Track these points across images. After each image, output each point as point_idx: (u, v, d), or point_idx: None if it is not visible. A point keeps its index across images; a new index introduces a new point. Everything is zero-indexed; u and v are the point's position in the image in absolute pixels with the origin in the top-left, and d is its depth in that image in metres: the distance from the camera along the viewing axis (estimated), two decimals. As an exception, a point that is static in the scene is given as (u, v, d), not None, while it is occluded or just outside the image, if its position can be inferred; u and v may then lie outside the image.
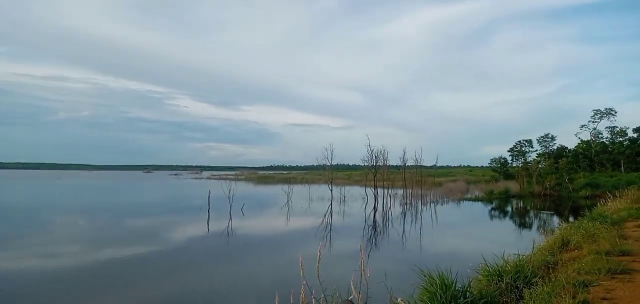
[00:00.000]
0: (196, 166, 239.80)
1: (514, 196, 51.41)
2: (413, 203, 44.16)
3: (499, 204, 43.96)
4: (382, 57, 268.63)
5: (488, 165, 78.65)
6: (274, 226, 27.65)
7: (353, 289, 5.14)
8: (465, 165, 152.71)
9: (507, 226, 29.96)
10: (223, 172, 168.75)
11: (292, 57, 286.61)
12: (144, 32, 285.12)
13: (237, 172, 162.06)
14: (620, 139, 78.29)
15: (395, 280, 10.82)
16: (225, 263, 16.49)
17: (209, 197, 32.04)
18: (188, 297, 11.93)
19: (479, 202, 45.76)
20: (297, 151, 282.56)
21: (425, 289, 6.79)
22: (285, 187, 45.18)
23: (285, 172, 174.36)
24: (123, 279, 13.88)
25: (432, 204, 42.93)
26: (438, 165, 65.87)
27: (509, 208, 41.07)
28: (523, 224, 29.71)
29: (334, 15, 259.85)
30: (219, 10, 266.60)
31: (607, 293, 7.11)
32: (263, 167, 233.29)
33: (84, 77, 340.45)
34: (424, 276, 6.97)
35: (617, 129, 79.52)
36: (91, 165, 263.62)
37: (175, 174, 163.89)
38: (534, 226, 27.68)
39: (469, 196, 51.38)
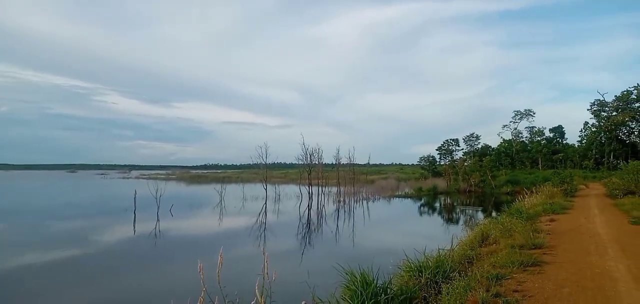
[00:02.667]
0: (125, 166, 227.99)
1: (441, 193, 53.61)
2: (346, 201, 44.73)
3: (428, 200, 45.64)
4: (318, 56, 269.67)
5: (418, 163, 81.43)
6: (204, 227, 26.84)
7: (257, 294, 4.94)
8: (397, 163, 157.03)
9: (434, 221, 31.11)
10: (154, 172, 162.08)
11: (228, 54, 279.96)
12: (70, 25, 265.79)
13: (169, 171, 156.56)
14: (538, 138, 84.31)
15: (322, 278, 10.73)
16: (142, 269, 15.69)
17: (135, 198, 30.45)
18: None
19: (409, 199, 47.25)
20: (232, 150, 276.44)
21: (347, 287, 6.75)
22: (218, 186, 44.06)
23: (219, 171, 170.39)
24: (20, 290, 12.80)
25: (364, 201, 43.73)
26: (371, 163, 67.28)
27: (436, 204, 42.72)
28: (449, 220, 30.98)
29: (271, 13, 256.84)
30: (151, 4, 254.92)
31: (519, 285, 7.44)
32: (196, 166, 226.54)
33: (2, 70, 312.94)
34: (346, 274, 6.91)
35: (536, 129, 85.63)
36: (9, 164, 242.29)
37: (102, 174, 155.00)
38: (459, 222, 28.91)
39: (400, 193, 52.92)
